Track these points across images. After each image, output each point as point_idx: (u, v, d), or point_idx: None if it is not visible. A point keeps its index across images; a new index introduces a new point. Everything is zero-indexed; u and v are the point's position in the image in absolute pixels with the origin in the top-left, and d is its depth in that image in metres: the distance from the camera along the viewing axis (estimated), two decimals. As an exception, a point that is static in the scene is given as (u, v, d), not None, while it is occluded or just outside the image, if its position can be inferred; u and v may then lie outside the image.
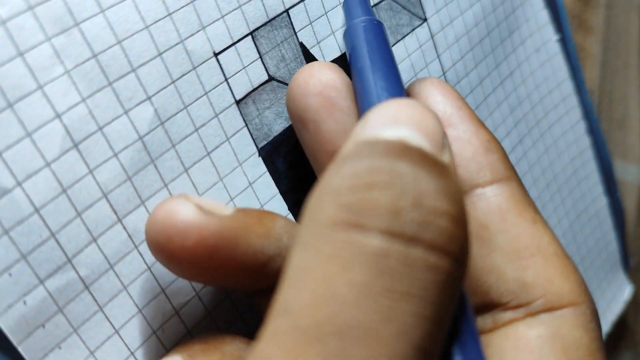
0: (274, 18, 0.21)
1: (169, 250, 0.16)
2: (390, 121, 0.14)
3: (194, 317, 0.20)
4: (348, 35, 0.21)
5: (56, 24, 0.16)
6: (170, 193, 0.19)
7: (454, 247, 0.13)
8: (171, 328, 0.19)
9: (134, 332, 0.18)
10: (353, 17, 0.21)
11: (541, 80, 0.33)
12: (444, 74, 0.28)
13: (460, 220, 0.14)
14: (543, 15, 0.33)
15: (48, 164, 0.16)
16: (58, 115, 0.17)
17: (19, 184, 0.16)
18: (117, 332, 0.18)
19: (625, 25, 0.43)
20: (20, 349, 0.16)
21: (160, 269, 0.19)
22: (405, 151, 0.14)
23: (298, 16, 0.22)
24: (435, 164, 0.14)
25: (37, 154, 0.16)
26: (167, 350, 0.19)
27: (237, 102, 0.20)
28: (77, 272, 0.17)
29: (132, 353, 0.18)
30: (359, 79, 0.19)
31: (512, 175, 0.19)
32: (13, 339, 0.16)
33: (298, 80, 0.19)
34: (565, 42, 0.34)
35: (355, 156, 0.14)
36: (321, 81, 0.19)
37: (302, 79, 0.19)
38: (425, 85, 0.20)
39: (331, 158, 0.19)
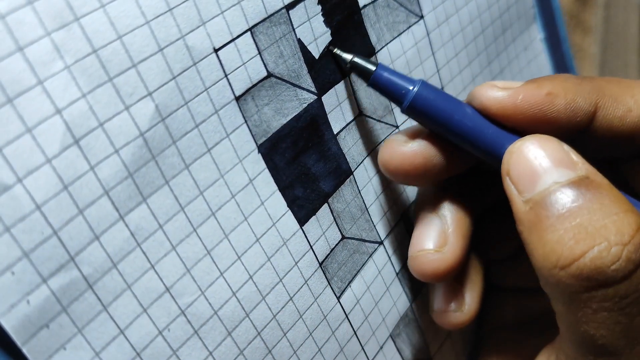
0: (272, 14, 0.21)
1: None
2: (534, 175, 0.19)
3: (201, 316, 0.19)
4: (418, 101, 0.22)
5: (56, 19, 0.16)
6: (171, 191, 0.19)
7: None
8: (178, 328, 0.19)
9: (139, 332, 0.18)
10: (400, 88, 0.22)
11: (528, 78, 0.33)
12: (437, 71, 0.28)
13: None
14: (532, 14, 0.33)
15: (49, 160, 0.16)
16: (58, 111, 0.16)
17: (19, 180, 0.15)
18: (122, 332, 0.17)
19: (624, 24, 0.43)
20: (24, 350, 0.15)
21: (163, 268, 0.18)
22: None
23: (296, 12, 0.22)
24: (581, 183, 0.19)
25: (37, 149, 0.16)
26: (174, 351, 0.19)
27: (237, 99, 0.20)
28: (80, 271, 0.16)
29: (138, 354, 0.18)
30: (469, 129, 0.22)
31: None
32: (17, 339, 0.15)
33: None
34: (560, 42, 0.34)
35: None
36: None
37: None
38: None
39: None
